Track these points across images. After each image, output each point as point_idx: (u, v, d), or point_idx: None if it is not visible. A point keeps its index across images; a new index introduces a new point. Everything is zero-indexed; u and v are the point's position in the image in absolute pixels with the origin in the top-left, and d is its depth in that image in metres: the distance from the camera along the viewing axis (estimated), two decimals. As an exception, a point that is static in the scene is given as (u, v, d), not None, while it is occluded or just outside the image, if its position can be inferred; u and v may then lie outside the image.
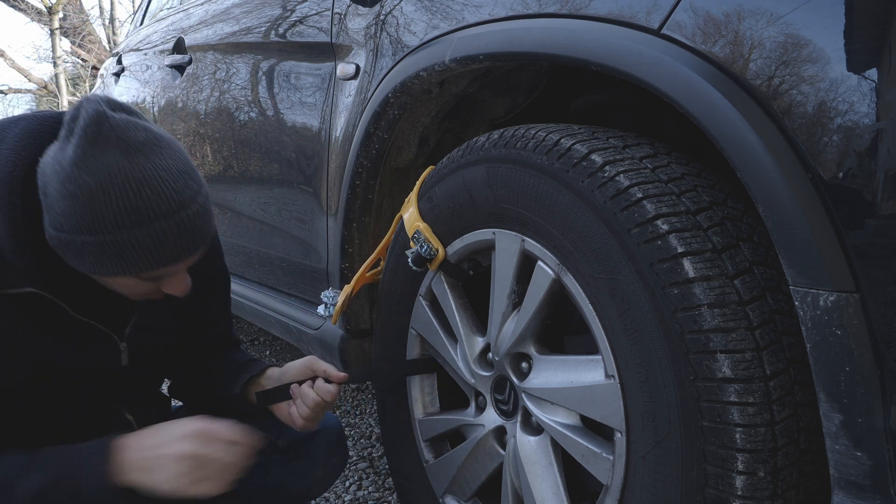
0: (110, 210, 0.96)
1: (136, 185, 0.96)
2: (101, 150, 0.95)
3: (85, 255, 0.99)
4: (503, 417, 1.24)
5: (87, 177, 0.95)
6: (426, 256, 1.29)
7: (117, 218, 0.96)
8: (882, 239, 0.73)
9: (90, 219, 0.96)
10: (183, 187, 1.01)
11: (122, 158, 0.96)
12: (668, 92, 0.89)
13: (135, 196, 0.96)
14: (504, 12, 1.15)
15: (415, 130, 1.50)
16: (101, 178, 0.95)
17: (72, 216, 0.96)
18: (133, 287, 1.07)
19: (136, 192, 0.96)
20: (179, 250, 1.02)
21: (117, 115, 0.97)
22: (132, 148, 0.97)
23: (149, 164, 0.98)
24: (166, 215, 0.99)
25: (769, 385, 0.85)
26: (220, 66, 2.21)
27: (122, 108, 1.00)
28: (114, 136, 0.96)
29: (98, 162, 0.95)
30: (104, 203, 0.95)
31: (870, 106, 0.72)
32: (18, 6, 14.13)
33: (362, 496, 1.86)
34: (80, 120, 0.96)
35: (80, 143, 0.95)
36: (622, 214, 0.93)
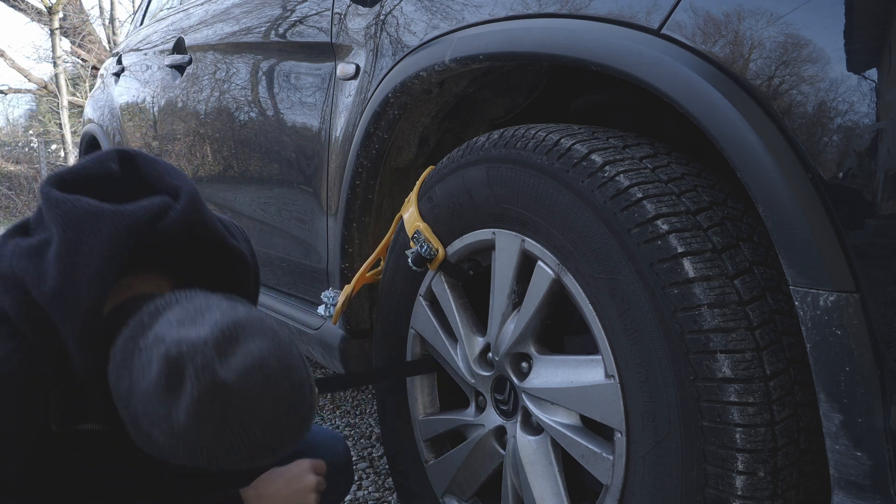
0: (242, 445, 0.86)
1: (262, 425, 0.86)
2: (220, 412, 0.83)
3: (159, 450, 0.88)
4: (503, 417, 1.24)
5: (205, 441, 0.84)
6: (426, 256, 1.29)
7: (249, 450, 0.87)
8: (882, 239, 0.73)
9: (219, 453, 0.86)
10: (291, 362, 0.89)
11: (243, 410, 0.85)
12: (668, 92, 0.89)
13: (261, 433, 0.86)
14: (504, 12, 1.15)
15: (415, 130, 1.50)
16: (222, 435, 0.84)
17: (181, 452, 0.86)
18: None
19: (262, 430, 0.86)
20: (304, 427, 0.94)
21: (228, 375, 0.82)
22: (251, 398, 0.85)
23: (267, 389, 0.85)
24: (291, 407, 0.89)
25: (769, 385, 0.85)
26: (220, 66, 2.21)
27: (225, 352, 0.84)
28: (234, 399, 0.83)
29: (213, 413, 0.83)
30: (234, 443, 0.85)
31: (870, 106, 0.72)
32: (18, 6, 14.13)
33: (362, 496, 1.86)
34: (190, 384, 0.82)
35: (195, 414, 0.82)
36: (622, 214, 0.93)
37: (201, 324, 0.85)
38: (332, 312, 1.56)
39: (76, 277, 0.88)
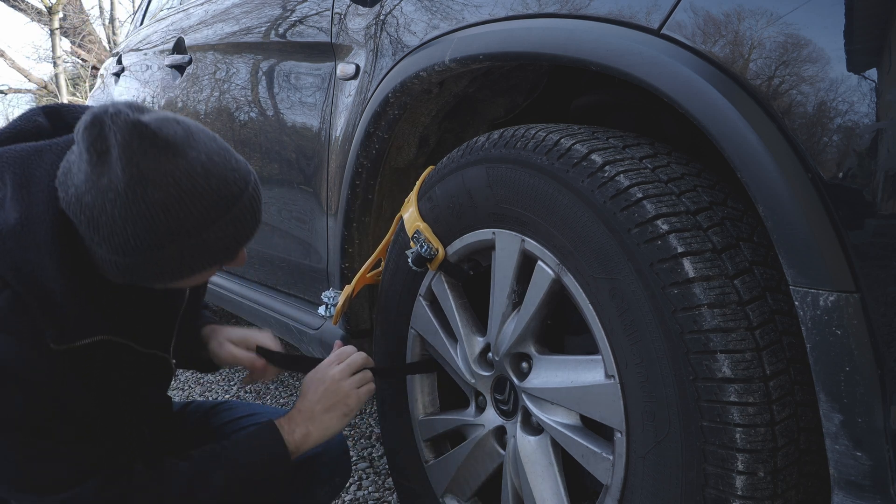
0: (190, 214, 0.92)
1: (204, 180, 0.93)
2: (152, 159, 0.90)
3: (165, 266, 0.96)
4: (503, 417, 1.24)
5: (152, 192, 0.90)
6: (426, 256, 1.29)
7: (199, 219, 0.93)
8: (882, 239, 0.73)
9: (170, 231, 0.92)
10: (235, 164, 0.99)
11: (177, 159, 0.91)
12: (668, 92, 0.89)
13: (206, 190, 0.93)
14: (504, 12, 1.15)
15: (415, 130, 1.50)
16: (167, 188, 0.90)
17: (148, 234, 0.92)
18: (200, 279, 1.06)
19: (206, 186, 0.93)
20: (255, 223, 1.03)
21: (145, 117, 0.91)
22: (179, 145, 0.92)
23: (200, 155, 0.94)
24: (239, 196, 0.97)
25: (769, 385, 0.85)
26: (220, 66, 2.21)
27: (139, 109, 0.93)
28: (160, 141, 0.90)
29: (156, 174, 0.90)
30: (182, 211, 0.92)
31: (870, 106, 0.72)
32: (18, 6, 14.13)
33: (362, 496, 1.86)
34: (113, 136, 0.89)
35: (128, 161, 0.89)
36: (622, 214, 0.93)
37: None
38: (332, 313, 1.56)
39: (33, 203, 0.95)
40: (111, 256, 0.95)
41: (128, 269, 0.97)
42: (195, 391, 2.78)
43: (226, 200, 0.96)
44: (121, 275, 0.99)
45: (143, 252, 0.94)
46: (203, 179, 0.93)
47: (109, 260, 0.96)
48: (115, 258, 0.95)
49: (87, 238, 0.95)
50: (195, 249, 0.96)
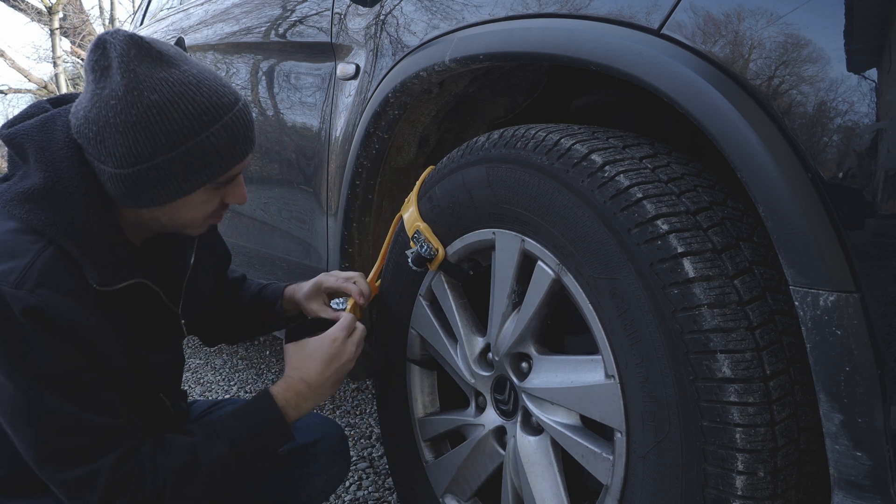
0: (183, 117, 0.98)
1: (196, 87, 1.00)
2: (148, 68, 0.98)
3: (167, 178, 1.01)
4: (503, 417, 1.24)
5: (149, 95, 0.97)
6: (426, 256, 1.29)
7: (192, 122, 0.99)
8: (882, 239, 0.73)
9: (167, 133, 0.98)
10: (225, 83, 1.06)
11: (170, 70, 0.99)
12: (668, 92, 0.89)
13: (199, 97, 1.00)
14: (504, 12, 1.15)
15: (415, 130, 1.50)
16: (162, 91, 0.97)
17: (147, 140, 0.98)
18: (203, 208, 1.11)
19: (198, 93, 1.00)
20: (248, 141, 1.07)
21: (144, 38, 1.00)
22: (172, 59, 1.01)
23: (192, 68, 1.02)
24: (230, 107, 1.03)
25: (769, 385, 0.85)
26: (220, 65, 2.21)
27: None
28: (154, 52, 0.99)
29: (152, 80, 0.97)
30: (176, 112, 0.98)
31: (870, 106, 0.72)
32: (18, 6, 14.12)
33: (362, 496, 1.86)
34: (113, 50, 0.98)
35: (125, 70, 0.97)
36: (622, 214, 0.93)
37: None
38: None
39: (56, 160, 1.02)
40: (118, 171, 1.00)
41: (135, 187, 1.02)
42: (195, 391, 2.78)
43: (217, 108, 1.02)
44: (129, 196, 1.03)
45: (146, 160, 0.99)
46: (195, 87, 1.00)
47: (118, 177, 1.01)
48: (121, 172, 1.00)
49: (97, 161, 1.02)
50: (191, 156, 1.01)
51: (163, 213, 1.09)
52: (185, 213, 1.10)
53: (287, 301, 1.47)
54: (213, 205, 1.12)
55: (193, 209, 1.10)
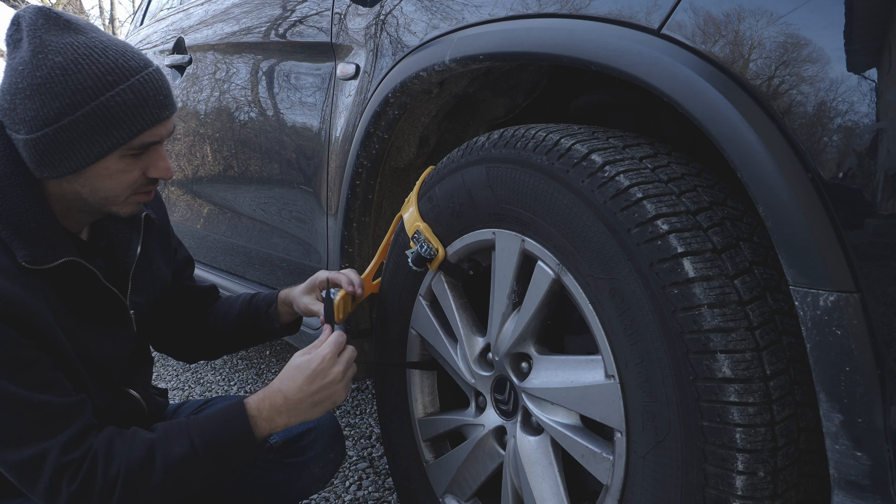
0: (88, 76, 1.00)
1: (101, 50, 1.02)
2: (55, 34, 1.02)
3: (76, 140, 1.02)
4: (503, 417, 1.24)
5: (53, 57, 1.00)
6: (426, 256, 1.29)
7: (96, 81, 1.01)
8: (882, 239, 0.73)
9: (72, 93, 1.00)
10: (137, 50, 1.08)
11: (76, 35, 1.03)
12: (667, 92, 0.89)
13: (103, 58, 1.02)
14: (504, 12, 1.15)
15: (415, 130, 1.50)
16: (66, 54, 1.00)
17: (53, 101, 1.00)
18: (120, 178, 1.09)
19: (103, 55, 1.02)
20: (159, 105, 1.07)
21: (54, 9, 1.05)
22: (80, 26, 1.05)
23: (101, 36, 1.05)
24: (138, 70, 1.04)
25: (769, 385, 0.85)
26: (220, 66, 2.21)
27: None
28: (62, 21, 1.03)
29: (57, 44, 1.01)
30: (80, 73, 1.00)
31: (870, 106, 0.72)
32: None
33: (362, 496, 1.86)
34: (23, 21, 1.03)
35: (33, 36, 1.01)
36: (622, 214, 0.93)
37: None
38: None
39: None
40: (29, 136, 1.02)
41: (46, 152, 1.02)
42: (195, 391, 2.78)
43: (123, 70, 1.03)
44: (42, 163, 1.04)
45: (52, 121, 1.01)
46: (100, 51, 1.03)
47: (30, 143, 1.02)
48: (31, 137, 1.02)
49: (13, 133, 1.04)
50: (96, 117, 1.01)
51: (81, 185, 1.08)
52: (102, 185, 1.08)
53: (281, 303, 1.46)
54: (133, 176, 1.10)
55: (110, 179, 1.08)
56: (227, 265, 2.37)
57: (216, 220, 2.35)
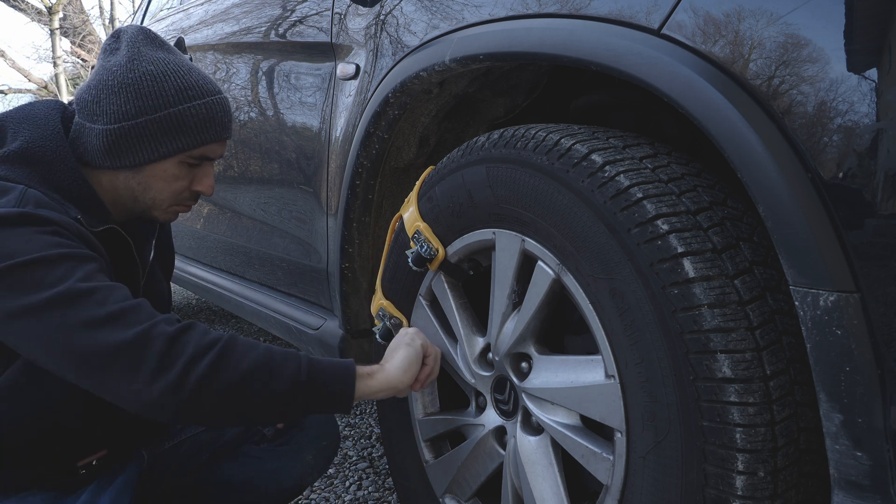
0: (172, 87, 1.14)
1: (186, 70, 1.18)
2: (151, 49, 1.16)
3: (148, 138, 1.14)
4: (503, 417, 1.24)
5: (146, 66, 1.14)
6: (426, 256, 1.29)
7: (178, 93, 1.15)
8: (882, 239, 0.73)
9: (154, 97, 1.13)
10: (213, 79, 1.23)
11: (169, 55, 1.18)
12: (667, 92, 0.89)
13: (188, 76, 1.17)
14: (504, 12, 1.15)
15: (415, 130, 1.50)
16: (158, 66, 1.15)
17: (137, 100, 1.13)
18: (174, 184, 1.20)
19: (188, 74, 1.17)
20: (223, 125, 1.21)
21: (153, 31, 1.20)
22: (173, 50, 1.20)
23: (187, 61, 1.21)
24: (212, 92, 1.19)
25: (769, 385, 0.85)
26: (220, 65, 2.21)
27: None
28: (159, 41, 1.19)
29: (152, 56, 1.16)
30: (165, 83, 1.14)
31: (870, 106, 0.72)
32: (18, 6, 14.12)
33: (362, 496, 1.86)
34: (125, 35, 1.17)
35: (131, 47, 1.15)
36: (622, 214, 0.93)
37: None
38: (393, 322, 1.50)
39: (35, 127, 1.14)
40: (107, 127, 1.13)
41: (117, 142, 1.13)
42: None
43: (202, 89, 1.18)
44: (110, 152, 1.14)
45: (132, 117, 1.13)
46: (186, 70, 1.18)
47: (105, 133, 1.13)
48: (109, 128, 1.13)
49: (89, 123, 1.14)
50: (171, 122, 1.14)
51: (137, 182, 1.18)
52: (155, 185, 1.19)
53: None
54: (182, 184, 1.21)
55: (164, 182, 1.19)
56: (227, 265, 2.37)
57: (216, 220, 2.35)
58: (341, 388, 1.10)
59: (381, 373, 1.16)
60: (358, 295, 1.64)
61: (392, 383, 1.16)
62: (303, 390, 1.06)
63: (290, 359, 1.07)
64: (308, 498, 1.86)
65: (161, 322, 1.01)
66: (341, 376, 1.11)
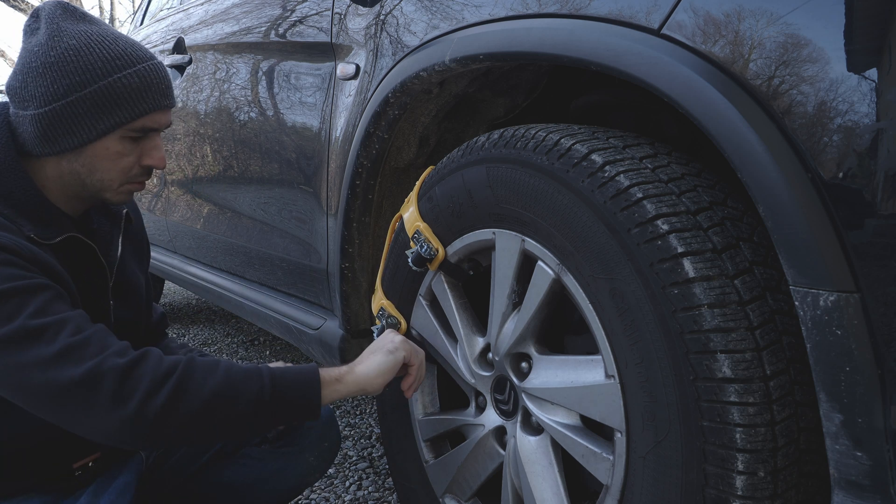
0: (98, 59, 1.08)
1: (112, 39, 1.11)
2: (71, 23, 1.10)
3: (82, 116, 1.08)
4: (503, 417, 1.24)
5: (68, 41, 1.08)
6: (426, 256, 1.29)
7: (105, 64, 1.09)
8: (882, 239, 0.73)
9: (82, 72, 1.07)
10: (142, 45, 1.17)
11: (91, 25, 1.12)
12: (667, 92, 0.89)
13: (114, 45, 1.10)
14: (504, 12, 1.15)
15: (415, 130, 1.50)
16: (80, 39, 1.09)
17: (63, 78, 1.07)
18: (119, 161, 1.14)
19: (113, 43, 1.11)
20: (161, 93, 1.14)
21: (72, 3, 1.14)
22: (95, 19, 1.15)
23: (112, 29, 1.15)
24: (144, 59, 1.13)
25: (769, 385, 0.85)
26: (220, 66, 2.21)
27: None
28: (78, 13, 1.13)
29: (72, 30, 1.09)
30: (91, 55, 1.08)
31: (870, 106, 0.72)
32: (18, 6, 14.12)
33: (362, 496, 1.86)
34: (43, 12, 1.11)
35: (50, 23, 1.09)
36: (622, 214, 0.93)
37: None
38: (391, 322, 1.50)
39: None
40: (37, 111, 1.08)
41: (51, 126, 1.08)
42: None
43: (131, 57, 1.11)
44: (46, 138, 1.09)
45: (61, 97, 1.07)
46: (111, 39, 1.11)
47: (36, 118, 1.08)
48: (39, 112, 1.08)
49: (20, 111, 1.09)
50: (103, 96, 1.08)
51: (80, 165, 1.12)
52: (100, 165, 1.13)
53: None
54: (129, 161, 1.15)
55: (109, 160, 1.13)
56: (227, 265, 2.37)
57: (216, 220, 2.35)
58: (307, 400, 1.10)
59: (351, 376, 1.15)
60: (358, 295, 1.64)
61: (361, 387, 1.16)
62: (268, 407, 1.06)
63: (252, 377, 1.06)
64: (308, 498, 1.86)
65: (112, 355, 0.99)
66: (305, 387, 1.10)
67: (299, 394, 1.09)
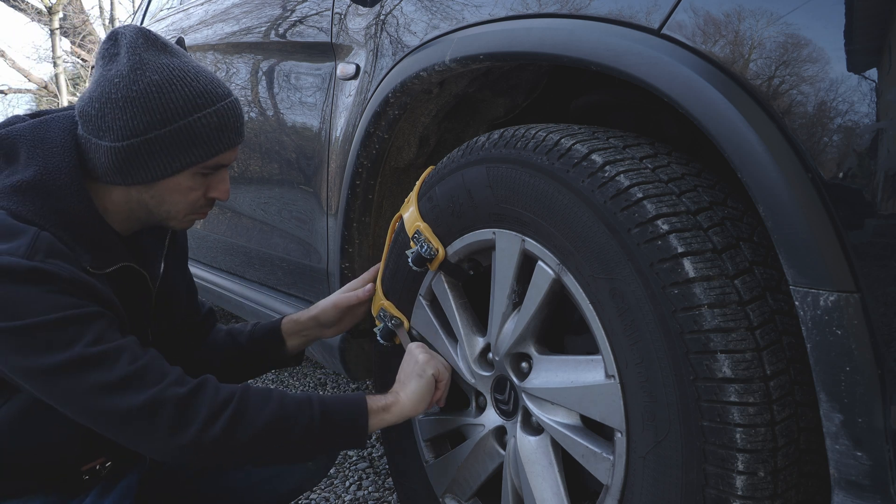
0: (179, 98, 1.07)
1: (194, 75, 1.10)
2: (153, 54, 1.08)
3: (159, 153, 1.08)
4: (503, 417, 1.24)
5: (150, 75, 1.06)
6: (426, 256, 1.29)
7: (186, 103, 1.08)
8: (882, 239, 0.73)
9: (162, 110, 1.06)
10: (220, 79, 1.16)
11: (172, 58, 1.10)
12: (667, 92, 0.89)
13: (195, 83, 1.09)
14: (504, 12, 1.15)
15: (415, 130, 1.50)
16: (163, 74, 1.07)
17: (144, 115, 1.06)
18: (188, 195, 1.16)
19: (195, 80, 1.10)
20: (236, 131, 1.15)
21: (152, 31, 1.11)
22: (176, 51, 1.12)
23: (192, 62, 1.13)
24: (223, 97, 1.12)
25: (769, 385, 0.85)
26: (220, 65, 2.21)
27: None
28: (160, 43, 1.10)
29: (154, 63, 1.08)
30: (172, 93, 1.07)
31: (870, 106, 0.72)
32: (18, 6, 14.13)
33: (362, 496, 1.86)
34: (123, 38, 1.09)
35: (132, 53, 1.07)
36: (622, 214, 0.93)
37: None
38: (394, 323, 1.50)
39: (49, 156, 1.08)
40: (114, 144, 1.07)
41: (127, 160, 1.08)
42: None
43: (211, 95, 1.11)
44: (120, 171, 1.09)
45: (140, 134, 1.07)
46: (193, 75, 1.10)
47: (113, 151, 1.07)
48: (116, 145, 1.07)
49: (94, 139, 1.08)
50: (182, 135, 1.08)
51: (150, 196, 1.14)
52: (169, 198, 1.15)
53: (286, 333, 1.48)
54: (197, 194, 1.17)
55: (179, 194, 1.15)
56: (227, 265, 2.37)
57: (216, 220, 2.35)
58: (355, 429, 1.14)
59: (397, 406, 1.19)
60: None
61: (406, 415, 1.21)
62: (317, 436, 1.11)
63: (304, 407, 1.10)
64: (308, 498, 1.86)
65: (172, 384, 1.03)
66: (353, 417, 1.14)
67: (348, 423, 1.14)
